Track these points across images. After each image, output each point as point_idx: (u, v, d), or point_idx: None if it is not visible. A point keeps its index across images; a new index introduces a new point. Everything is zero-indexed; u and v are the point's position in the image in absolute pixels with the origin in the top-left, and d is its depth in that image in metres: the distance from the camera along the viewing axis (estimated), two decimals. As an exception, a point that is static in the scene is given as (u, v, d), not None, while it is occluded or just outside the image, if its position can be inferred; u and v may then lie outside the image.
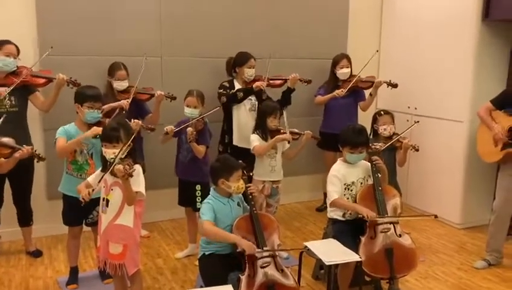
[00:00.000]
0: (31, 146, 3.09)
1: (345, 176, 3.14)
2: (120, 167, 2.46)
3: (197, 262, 3.02)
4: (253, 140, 3.72)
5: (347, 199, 3.13)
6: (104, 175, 2.62)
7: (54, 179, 3.74)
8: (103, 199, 2.69)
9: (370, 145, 3.25)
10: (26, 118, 3.73)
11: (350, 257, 2.81)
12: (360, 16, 5.35)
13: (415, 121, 3.85)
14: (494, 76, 4.44)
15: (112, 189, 2.64)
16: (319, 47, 5.09)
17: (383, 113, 3.86)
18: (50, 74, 3.66)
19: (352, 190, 3.15)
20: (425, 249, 4.08)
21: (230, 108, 4.22)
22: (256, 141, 3.71)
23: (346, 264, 2.90)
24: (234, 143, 4.24)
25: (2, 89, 3.49)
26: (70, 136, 3.11)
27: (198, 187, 3.72)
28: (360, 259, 2.86)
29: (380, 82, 4.58)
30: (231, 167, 2.83)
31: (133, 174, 2.47)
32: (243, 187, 2.86)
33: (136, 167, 2.55)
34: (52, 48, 3.69)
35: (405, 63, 5.09)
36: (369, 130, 3.67)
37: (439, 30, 4.65)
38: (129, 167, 2.45)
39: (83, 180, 2.82)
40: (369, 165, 3.19)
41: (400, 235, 3.03)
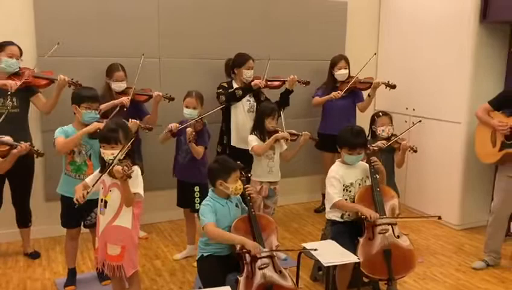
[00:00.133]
0: (29, 142, 3.08)
1: (343, 177, 3.14)
2: (119, 168, 2.46)
3: (195, 263, 3.02)
4: (251, 140, 3.72)
5: (345, 200, 3.12)
6: (101, 176, 2.62)
7: (52, 181, 3.74)
8: (101, 200, 2.68)
9: (368, 146, 3.25)
10: (28, 120, 3.73)
11: (348, 258, 2.81)
12: (358, 18, 5.36)
13: (418, 121, 3.87)
14: (491, 77, 4.45)
15: (110, 190, 2.64)
16: (317, 48, 5.10)
17: (381, 114, 3.86)
18: (52, 75, 3.66)
19: (350, 191, 3.15)
20: (424, 250, 4.09)
21: (229, 109, 4.23)
22: (254, 141, 3.71)
23: (344, 266, 2.90)
24: (232, 144, 4.24)
25: (12, 82, 3.49)
26: (69, 137, 3.10)
27: (196, 188, 3.72)
28: (358, 260, 2.86)
29: (378, 83, 4.59)
30: (229, 168, 2.82)
31: (132, 175, 2.47)
32: (241, 188, 2.85)
33: (134, 168, 2.54)
34: (59, 44, 3.70)
35: (403, 64, 5.10)
36: (367, 131, 3.68)
37: (437, 31, 4.67)
38: (128, 168, 2.45)
39: (81, 181, 2.81)
40: (367, 166, 3.19)
41: (398, 237, 3.03)
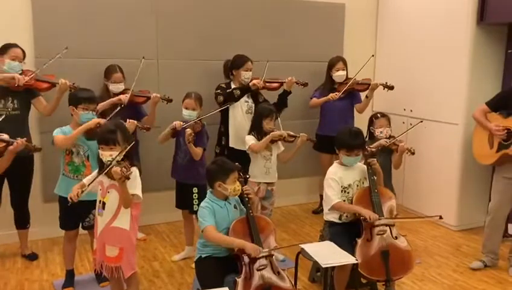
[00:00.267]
0: (25, 138, 3.06)
1: (341, 178, 3.14)
2: (117, 169, 2.46)
3: (193, 265, 3.02)
4: (249, 140, 3.72)
5: (343, 201, 3.12)
6: (97, 176, 2.62)
7: (49, 182, 3.72)
8: (99, 202, 2.68)
9: (366, 147, 3.25)
10: (28, 122, 3.74)
11: (346, 259, 2.81)
12: (356, 19, 5.37)
13: (420, 121, 3.91)
14: (489, 79, 4.46)
15: (109, 191, 2.64)
16: (315, 50, 5.10)
17: (379, 116, 3.86)
18: (53, 79, 3.67)
19: (348, 193, 3.15)
20: (421, 251, 4.09)
21: (227, 110, 4.22)
22: (251, 140, 3.71)
23: (342, 267, 2.91)
24: (231, 145, 4.24)
25: (20, 77, 3.50)
26: None
27: (195, 190, 3.71)
28: (357, 261, 2.86)
29: (376, 84, 4.59)
30: (228, 169, 2.82)
31: (130, 176, 2.47)
32: (240, 189, 2.85)
33: (133, 169, 2.54)
34: (67, 49, 3.72)
35: (401, 65, 5.11)
36: (365, 133, 3.69)
37: (435, 33, 4.68)
38: (126, 170, 2.45)
39: (79, 182, 2.81)
40: (365, 167, 3.20)
41: (396, 238, 3.04)
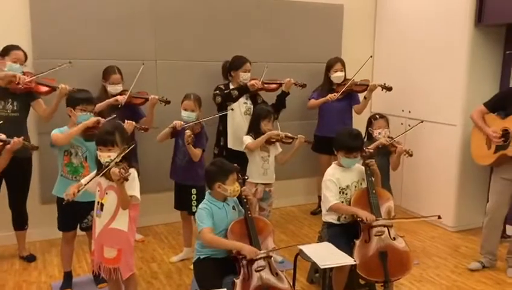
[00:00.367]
0: (22, 137, 3.07)
1: (339, 179, 3.14)
2: (116, 170, 2.46)
3: (191, 266, 3.02)
4: (246, 139, 3.73)
5: (342, 202, 3.12)
6: (95, 177, 2.61)
7: (47, 184, 3.71)
8: (98, 203, 2.68)
9: (364, 148, 3.25)
10: (27, 124, 3.74)
11: (345, 260, 2.81)
12: (355, 20, 5.37)
13: (420, 122, 3.94)
14: (487, 80, 4.47)
15: (107, 193, 2.64)
16: (313, 51, 5.11)
17: (378, 117, 3.86)
18: (54, 83, 3.67)
19: (347, 194, 3.15)
20: (419, 252, 4.10)
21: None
22: (248, 139, 3.71)
23: (340, 268, 2.91)
24: (229, 146, 4.25)
25: (22, 76, 3.51)
26: None
27: (193, 191, 3.71)
28: (355, 262, 2.86)
29: (374, 85, 4.59)
30: (227, 171, 2.82)
31: (128, 178, 2.47)
32: (239, 190, 2.86)
33: (131, 170, 2.54)
34: (70, 63, 3.76)
35: (399, 66, 5.12)
36: (363, 134, 3.69)
37: (433, 34, 4.69)
38: (124, 171, 2.45)
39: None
40: (363, 168, 3.20)
41: (394, 239, 3.04)
